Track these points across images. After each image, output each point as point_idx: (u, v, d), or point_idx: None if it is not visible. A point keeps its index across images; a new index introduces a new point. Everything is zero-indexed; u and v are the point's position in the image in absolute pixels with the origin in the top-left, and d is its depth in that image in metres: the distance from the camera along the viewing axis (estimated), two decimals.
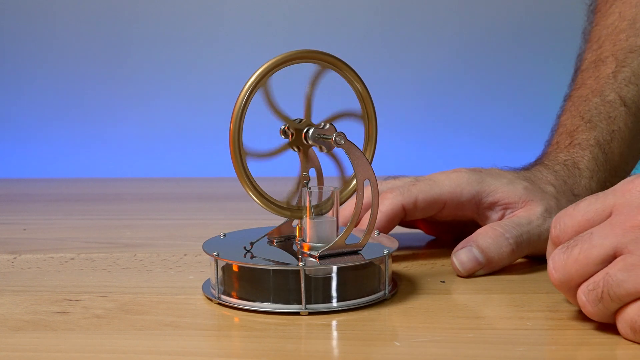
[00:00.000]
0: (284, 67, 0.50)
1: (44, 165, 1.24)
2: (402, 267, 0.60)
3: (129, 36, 1.23)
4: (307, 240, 0.51)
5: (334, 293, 0.49)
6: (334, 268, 0.49)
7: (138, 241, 0.72)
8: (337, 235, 0.51)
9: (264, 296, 0.49)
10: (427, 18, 1.25)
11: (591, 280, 0.42)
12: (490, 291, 0.53)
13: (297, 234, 0.54)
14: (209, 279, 0.54)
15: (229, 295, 0.50)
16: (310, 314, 0.48)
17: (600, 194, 0.44)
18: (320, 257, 0.49)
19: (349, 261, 0.49)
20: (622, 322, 0.42)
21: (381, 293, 0.51)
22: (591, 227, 0.43)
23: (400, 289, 0.54)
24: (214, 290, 0.51)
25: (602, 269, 0.42)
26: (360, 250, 0.51)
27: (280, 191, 0.54)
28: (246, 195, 0.52)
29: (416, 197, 0.58)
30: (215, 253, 0.50)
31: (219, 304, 0.50)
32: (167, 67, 1.24)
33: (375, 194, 0.51)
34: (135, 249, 0.68)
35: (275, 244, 0.54)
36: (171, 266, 0.62)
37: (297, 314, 0.48)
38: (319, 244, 0.51)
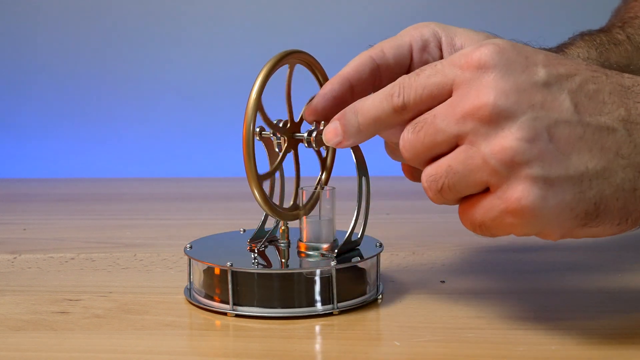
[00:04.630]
0: (290, 59, 0.51)
1: (44, 165, 1.24)
2: (403, 267, 0.60)
3: (129, 36, 1.23)
4: (304, 239, 0.52)
5: (339, 292, 0.49)
6: (357, 263, 0.50)
7: (138, 241, 0.72)
8: (334, 234, 0.52)
9: (270, 302, 0.49)
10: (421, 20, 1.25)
11: (434, 168, 0.42)
12: (490, 291, 0.54)
13: (285, 236, 0.54)
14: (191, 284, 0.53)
15: (240, 304, 0.49)
16: (311, 314, 0.48)
17: (439, 64, 0.43)
18: (338, 257, 0.50)
19: (364, 258, 0.50)
20: (465, 217, 0.42)
21: (378, 290, 0.51)
22: (433, 103, 0.42)
23: (400, 289, 0.54)
24: (227, 304, 0.49)
25: (447, 150, 0.42)
26: (359, 245, 0.52)
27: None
28: (246, 196, 0.52)
29: (382, 46, 0.54)
30: (229, 264, 0.49)
31: (237, 315, 0.49)
32: (167, 67, 1.24)
33: (367, 190, 0.51)
34: (135, 249, 0.68)
35: (262, 248, 0.53)
36: (171, 266, 0.62)
37: (309, 316, 0.48)
38: (317, 244, 0.51)
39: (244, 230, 0.57)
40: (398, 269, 0.59)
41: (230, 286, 0.48)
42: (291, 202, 0.53)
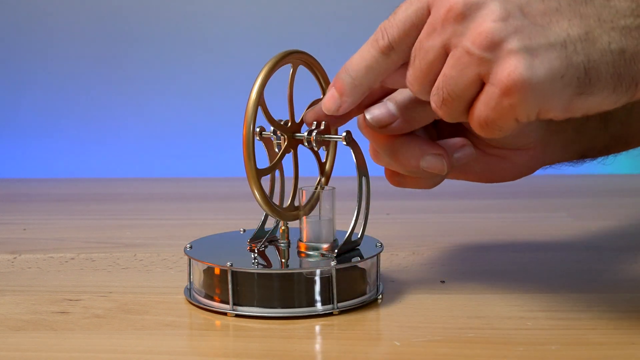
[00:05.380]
0: (290, 59, 0.51)
1: (44, 165, 1.24)
2: (403, 267, 0.60)
3: (129, 36, 1.23)
4: (304, 239, 0.52)
5: (339, 292, 0.49)
6: (357, 263, 0.50)
7: (138, 241, 0.72)
8: (334, 234, 0.51)
9: (270, 301, 0.49)
10: None
11: (434, 85, 0.43)
12: (490, 291, 0.53)
13: (285, 236, 0.54)
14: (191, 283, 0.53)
15: (241, 304, 0.49)
16: (311, 314, 0.48)
17: None
18: (338, 257, 0.50)
19: (364, 258, 0.50)
20: (474, 123, 0.42)
21: (378, 290, 0.51)
22: (417, 32, 0.44)
23: (400, 289, 0.54)
24: (227, 304, 0.49)
25: (442, 66, 0.42)
26: (359, 245, 0.52)
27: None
28: (246, 196, 0.52)
29: None
30: (229, 264, 0.49)
31: (237, 315, 0.49)
32: (166, 67, 1.24)
33: (367, 190, 0.51)
34: (135, 249, 0.68)
35: (262, 248, 0.53)
36: (171, 266, 0.62)
37: (309, 316, 0.48)
38: (317, 244, 0.51)
39: (244, 230, 0.57)
40: (398, 269, 0.59)
41: (230, 286, 0.48)
42: (288, 203, 0.53)
